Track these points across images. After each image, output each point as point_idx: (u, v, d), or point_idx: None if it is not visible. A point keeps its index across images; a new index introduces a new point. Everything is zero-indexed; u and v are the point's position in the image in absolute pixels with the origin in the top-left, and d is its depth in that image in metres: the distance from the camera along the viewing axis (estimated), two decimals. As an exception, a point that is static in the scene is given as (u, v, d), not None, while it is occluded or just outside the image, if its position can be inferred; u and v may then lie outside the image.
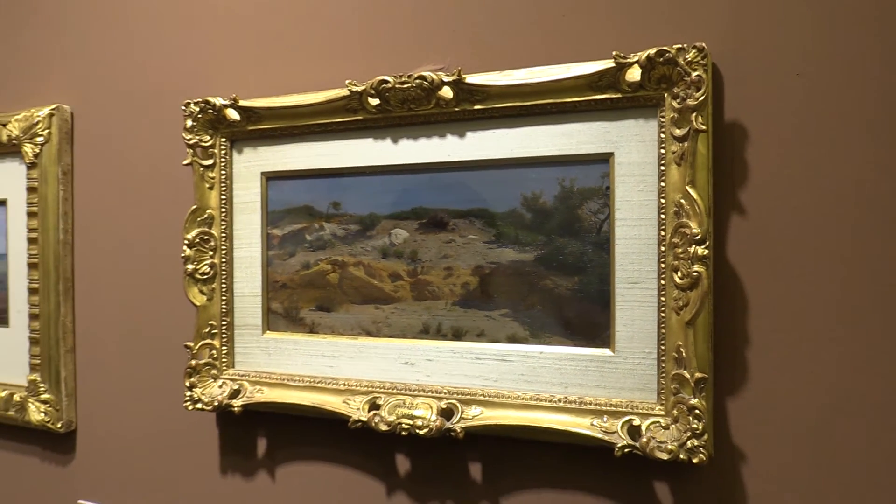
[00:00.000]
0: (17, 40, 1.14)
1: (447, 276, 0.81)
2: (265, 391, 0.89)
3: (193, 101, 0.91)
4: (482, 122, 0.78)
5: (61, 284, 1.08)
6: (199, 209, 0.91)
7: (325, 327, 0.88)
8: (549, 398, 0.75)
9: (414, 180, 0.82)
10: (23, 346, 1.12)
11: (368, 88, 0.80)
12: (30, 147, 1.09)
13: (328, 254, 0.87)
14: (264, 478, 0.93)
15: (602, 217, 0.74)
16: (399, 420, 0.80)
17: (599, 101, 0.72)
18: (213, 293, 0.92)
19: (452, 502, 0.83)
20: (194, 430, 0.98)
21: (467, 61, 0.80)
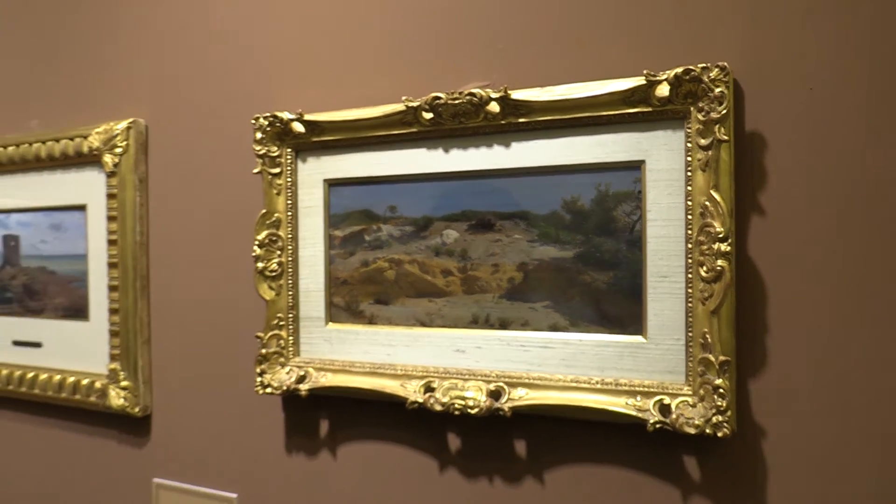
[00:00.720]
0: (97, 60, 1.27)
1: (494, 272, 0.91)
2: (329, 376, 1.00)
3: (262, 116, 1.02)
4: (526, 133, 0.88)
5: (138, 282, 1.20)
6: (268, 213, 1.03)
7: (383, 319, 0.98)
8: (587, 381, 0.85)
9: (463, 186, 0.92)
10: (103, 338, 1.24)
11: (423, 104, 0.91)
12: (109, 157, 1.21)
13: (385, 253, 0.98)
14: (327, 456, 1.04)
15: (635, 218, 0.83)
16: (452, 401, 0.90)
17: (632, 115, 0.82)
18: (281, 289, 1.03)
19: (500, 477, 0.92)
20: (262, 413, 1.09)
21: (512, 78, 0.90)
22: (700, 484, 0.82)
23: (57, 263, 1.33)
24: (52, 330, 1.33)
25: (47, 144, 1.30)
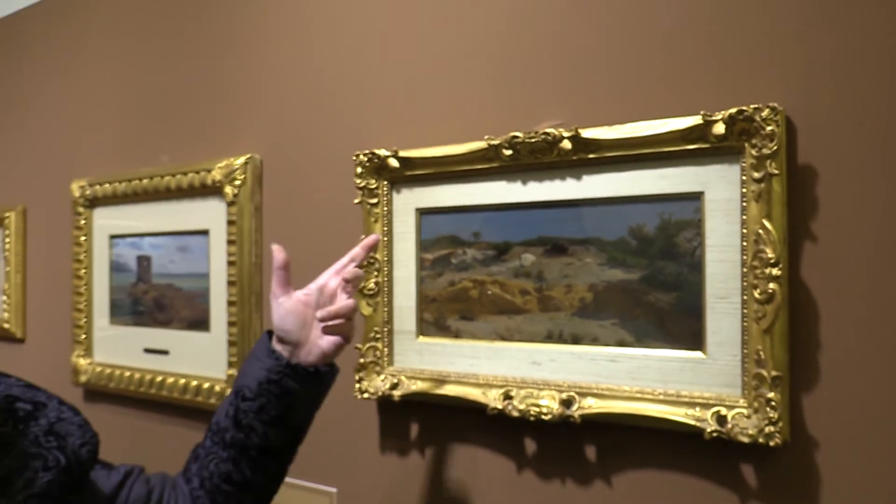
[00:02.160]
0: (219, 104, 1.48)
1: (567, 292, 1.03)
2: (419, 384, 1.14)
3: (362, 153, 1.18)
4: (595, 167, 1.00)
5: (253, 298, 1.39)
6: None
7: (467, 333, 1.11)
8: (651, 392, 0.95)
9: (539, 214, 1.05)
10: (222, 347, 1.44)
11: (503, 142, 1.04)
12: (230, 188, 1.41)
13: (470, 274, 1.11)
14: (416, 456, 1.18)
15: (695, 244, 0.93)
16: (528, 408, 1.02)
17: (691, 151, 0.92)
18: (378, 305, 1.18)
19: (571, 479, 1.03)
20: (360, 416, 1.24)
21: (583, 117, 1.02)
22: (756, 491, 0.90)
23: (183, 281, 1.54)
24: (178, 339, 1.54)
25: (176, 177, 1.51)
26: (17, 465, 0.64)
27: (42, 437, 0.67)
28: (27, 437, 0.66)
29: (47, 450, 0.67)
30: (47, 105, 1.95)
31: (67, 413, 0.71)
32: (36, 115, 1.99)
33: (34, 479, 0.64)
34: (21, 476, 0.64)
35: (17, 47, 2.07)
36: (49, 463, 0.66)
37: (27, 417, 0.68)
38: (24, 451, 0.65)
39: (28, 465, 0.65)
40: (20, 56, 2.05)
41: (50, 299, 1.92)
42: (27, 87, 2.02)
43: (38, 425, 0.68)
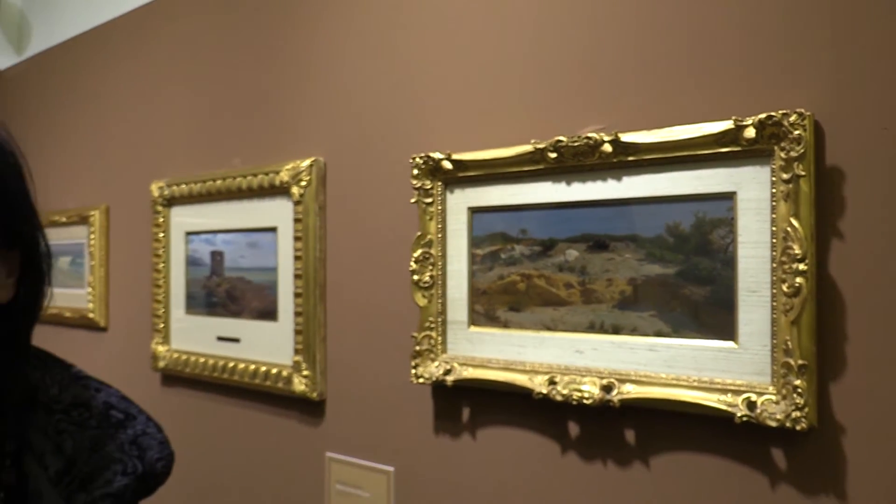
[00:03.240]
0: (286, 110, 1.61)
1: (608, 286, 1.11)
2: (470, 370, 1.24)
3: (418, 156, 1.29)
4: (634, 168, 1.08)
5: (317, 290, 1.51)
6: (422, 235, 1.29)
7: (515, 323, 1.21)
8: (686, 379, 1.03)
9: (582, 213, 1.13)
10: (289, 336, 1.56)
11: (548, 146, 1.13)
12: (296, 189, 1.53)
13: (518, 268, 1.20)
14: (467, 438, 1.28)
15: (728, 241, 1.00)
16: (571, 393, 1.10)
17: (724, 153, 0.99)
18: (432, 297, 1.29)
19: (612, 460, 1.12)
20: (415, 400, 1.35)
21: (623, 122, 1.10)
22: (785, 473, 0.97)
23: (253, 274, 1.67)
24: (249, 328, 1.67)
25: (247, 178, 1.65)
26: (102, 465, 0.70)
27: (127, 445, 0.73)
28: (115, 441, 0.72)
29: (129, 457, 0.72)
30: (129, 112, 2.12)
31: (152, 429, 0.77)
32: (119, 121, 2.17)
33: (112, 481, 0.70)
34: (102, 476, 0.69)
35: (102, 59, 2.25)
36: (128, 469, 0.71)
37: (118, 425, 0.73)
38: (110, 454, 0.71)
39: (110, 466, 0.70)
40: (105, 67, 2.24)
41: (131, 291, 2.09)
42: (111, 95, 2.21)
43: (126, 434, 0.73)
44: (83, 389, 0.73)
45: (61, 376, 0.73)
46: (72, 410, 0.71)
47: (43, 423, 0.69)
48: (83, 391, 0.73)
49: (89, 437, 0.70)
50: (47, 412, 0.69)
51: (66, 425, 0.69)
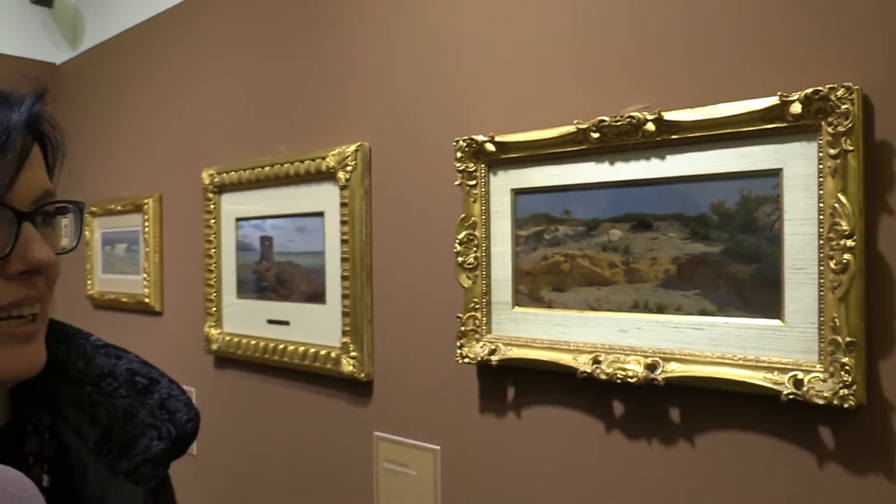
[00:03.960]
0: (331, 96, 1.64)
1: (652, 265, 1.12)
2: (514, 350, 1.26)
3: (462, 139, 1.31)
4: (678, 147, 1.08)
5: (364, 273, 1.55)
6: (466, 217, 1.31)
7: (559, 303, 1.22)
8: (731, 357, 1.03)
9: (626, 192, 1.14)
10: (337, 318, 1.61)
11: (591, 126, 1.14)
12: (342, 174, 1.57)
13: (561, 249, 1.22)
14: (512, 417, 1.30)
15: (774, 218, 1.00)
16: (615, 371, 1.12)
17: (770, 130, 0.99)
18: (476, 278, 1.31)
19: (657, 438, 1.13)
20: (460, 380, 1.38)
21: (667, 100, 1.10)
22: (833, 451, 0.97)
23: (301, 258, 1.72)
24: (298, 311, 1.73)
25: (294, 165, 1.69)
26: (138, 431, 0.72)
27: (156, 410, 0.74)
28: (145, 407, 0.74)
29: (161, 421, 0.74)
30: (180, 102, 2.19)
31: (176, 391, 0.78)
32: (170, 111, 2.24)
33: (150, 446, 0.72)
34: (139, 442, 0.71)
35: (153, 51, 2.33)
36: (163, 433, 0.73)
37: (144, 391, 0.75)
38: (143, 420, 0.73)
39: (146, 432, 0.72)
40: (155, 59, 2.31)
41: (184, 276, 2.17)
42: (162, 86, 2.28)
43: (153, 399, 0.75)
44: (106, 358, 0.75)
45: (84, 348, 0.74)
46: (100, 381, 0.72)
47: (76, 397, 0.70)
48: (106, 360, 0.75)
49: (121, 405, 0.72)
50: (78, 386, 0.71)
51: (98, 396, 0.71)
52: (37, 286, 0.62)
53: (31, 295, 0.62)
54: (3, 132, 0.57)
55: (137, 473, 0.70)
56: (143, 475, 0.71)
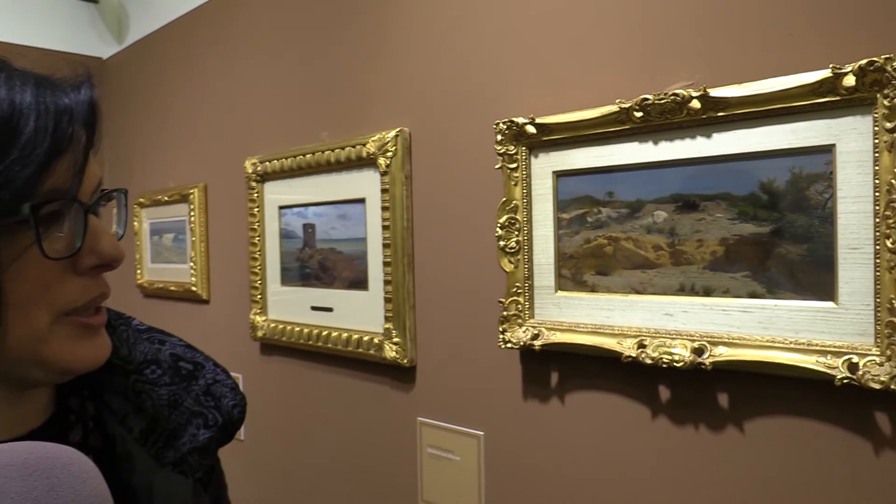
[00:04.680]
0: (371, 83, 1.65)
1: (699, 247, 1.10)
2: (557, 335, 1.25)
3: (502, 121, 1.30)
4: (724, 125, 1.05)
5: (405, 259, 1.55)
6: (508, 200, 1.30)
7: (603, 287, 1.21)
8: (782, 341, 1.01)
9: (671, 172, 1.12)
10: (379, 304, 1.62)
11: (634, 105, 1.12)
12: (382, 160, 1.58)
13: (604, 231, 1.20)
14: (556, 402, 1.30)
15: (826, 196, 0.97)
16: (661, 356, 1.10)
17: (821, 104, 0.95)
18: (519, 262, 1.30)
19: (704, 424, 1.11)
20: (503, 365, 1.38)
21: (713, 76, 1.07)
22: (890, 438, 0.94)
23: (343, 245, 1.74)
24: (341, 297, 1.74)
25: (335, 152, 1.71)
26: (184, 420, 0.70)
27: (202, 397, 0.73)
28: (190, 395, 0.72)
29: (207, 409, 0.72)
30: (223, 94, 2.22)
31: (221, 375, 0.77)
32: (214, 103, 2.27)
33: (196, 435, 0.70)
34: (186, 431, 0.70)
35: (194, 43, 2.36)
36: (209, 421, 0.72)
37: (189, 377, 0.73)
38: (189, 408, 0.71)
39: (192, 421, 0.71)
40: (197, 50, 2.35)
41: (229, 265, 2.21)
42: (205, 78, 2.32)
43: (198, 385, 0.73)
44: (149, 344, 0.73)
45: (126, 335, 0.72)
46: (144, 369, 0.71)
47: (120, 386, 0.69)
48: (149, 346, 0.73)
49: (165, 393, 0.70)
50: (122, 374, 0.69)
51: (143, 385, 0.70)
52: (104, 280, 0.62)
53: (105, 293, 0.62)
54: (68, 123, 0.56)
55: (185, 464, 0.69)
56: (190, 465, 0.69)
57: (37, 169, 0.53)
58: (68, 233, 0.57)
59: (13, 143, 0.53)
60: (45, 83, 0.57)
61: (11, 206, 0.53)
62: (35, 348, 0.57)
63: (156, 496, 0.65)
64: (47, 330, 0.57)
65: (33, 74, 0.58)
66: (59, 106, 0.56)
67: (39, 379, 0.62)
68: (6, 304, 0.54)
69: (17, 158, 0.52)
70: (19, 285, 0.55)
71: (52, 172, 0.55)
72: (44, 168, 0.54)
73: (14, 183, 0.52)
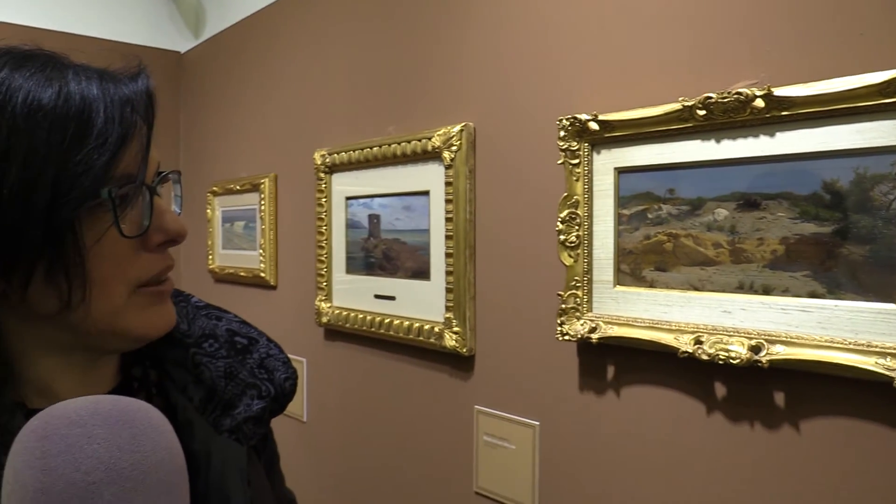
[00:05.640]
0: (437, 79, 1.70)
1: (759, 245, 1.11)
2: (615, 329, 1.28)
3: (565, 118, 1.33)
4: (788, 124, 1.06)
5: (467, 250, 1.60)
6: (569, 195, 1.34)
7: (661, 283, 1.23)
8: (841, 341, 1.01)
9: (732, 171, 1.13)
10: (440, 294, 1.67)
11: (697, 103, 1.13)
12: (447, 154, 1.62)
13: (664, 228, 1.22)
14: (612, 395, 1.32)
15: (891, 197, 0.97)
16: (717, 352, 1.12)
17: (888, 104, 0.95)
18: (578, 256, 1.33)
19: (759, 422, 1.12)
20: (560, 357, 1.41)
21: (777, 76, 1.08)
22: (951, 440, 0.94)
23: (407, 236, 1.79)
24: (403, 287, 1.80)
25: (401, 145, 1.76)
26: (239, 391, 0.75)
27: (256, 370, 0.77)
28: (245, 367, 0.77)
29: (260, 381, 0.77)
30: (294, 88, 2.31)
31: (274, 350, 0.81)
32: (284, 95, 2.37)
33: (251, 405, 0.75)
34: (241, 401, 0.74)
35: (268, 37, 2.46)
36: (262, 392, 0.76)
37: (243, 350, 0.78)
38: (244, 380, 0.76)
39: (246, 392, 0.75)
40: (270, 45, 2.44)
41: (297, 253, 2.30)
42: (277, 71, 2.41)
43: (253, 358, 0.78)
44: (207, 320, 0.78)
45: (186, 311, 0.77)
46: (203, 342, 0.76)
47: (180, 358, 0.74)
48: (207, 321, 0.78)
49: (222, 365, 0.75)
50: (182, 347, 0.74)
51: (201, 357, 0.74)
52: (169, 254, 0.70)
53: (170, 265, 0.70)
54: (131, 112, 0.61)
55: (240, 432, 0.73)
56: (245, 433, 0.74)
57: (110, 156, 0.60)
58: (137, 213, 0.64)
59: (89, 134, 0.59)
60: (107, 76, 0.64)
61: (92, 191, 0.59)
62: (113, 320, 0.64)
63: (214, 461, 0.71)
64: (123, 303, 0.65)
65: (95, 69, 0.65)
66: (122, 96, 0.62)
67: (116, 347, 0.70)
68: (90, 281, 0.61)
69: (94, 147, 0.59)
70: (101, 263, 0.62)
71: (122, 158, 0.61)
72: (115, 155, 0.60)
73: (93, 170, 0.59)
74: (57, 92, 0.59)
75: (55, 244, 0.58)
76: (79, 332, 0.64)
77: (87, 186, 0.58)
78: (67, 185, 0.57)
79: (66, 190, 0.57)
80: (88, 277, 0.60)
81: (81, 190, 0.58)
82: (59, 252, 0.58)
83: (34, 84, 0.59)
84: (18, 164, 0.56)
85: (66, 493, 0.45)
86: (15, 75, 0.59)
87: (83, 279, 0.60)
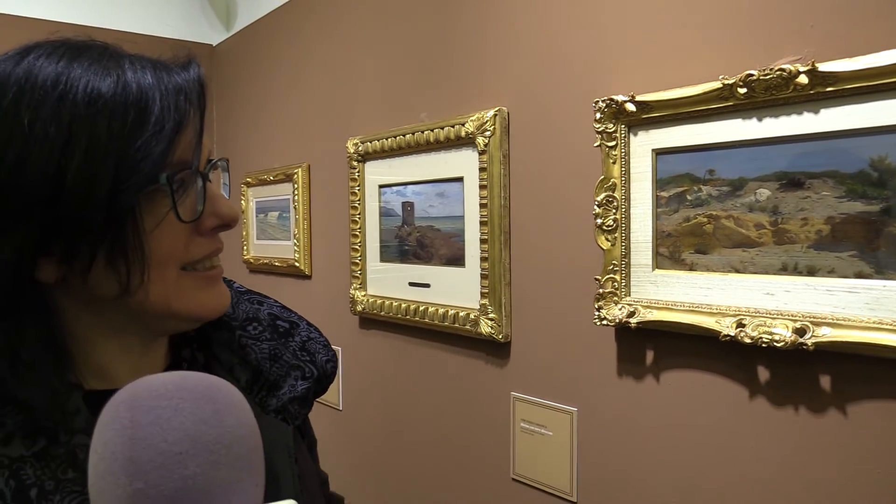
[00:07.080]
0: (470, 64, 1.69)
1: (803, 225, 1.09)
2: (654, 313, 1.27)
3: (601, 99, 1.32)
4: (833, 100, 1.04)
5: (502, 236, 1.60)
6: (605, 178, 1.33)
7: (701, 266, 1.22)
8: (890, 322, 0.99)
9: (775, 150, 1.11)
10: (475, 280, 1.67)
11: (738, 81, 1.11)
12: (481, 139, 1.62)
13: (704, 210, 1.21)
14: (651, 380, 1.32)
15: (943, 173, 0.95)
16: (760, 335, 1.10)
17: (939, 77, 0.93)
18: (616, 240, 1.32)
19: (805, 405, 1.11)
20: (598, 342, 1.40)
21: (822, 51, 1.06)
22: None
23: (441, 223, 1.80)
24: (438, 274, 1.81)
25: (434, 131, 1.76)
26: (283, 373, 0.78)
27: (298, 352, 0.80)
28: (288, 350, 0.80)
29: (303, 363, 0.80)
30: (325, 77, 2.32)
31: (315, 333, 0.84)
32: (316, 85, 2.38)
33: (295, 386, 0.78)
34: (286, 382, 0.78)
35: (299, 28, 2.47)
36: (306, 374, 0.80)
37: (285, 334, 0.81)
38: (288, 362, 0.79)
39: (290, 373, 0.78)
40: (302, 35, 2.46)
41: (331, 242, 2.32)
42: (308, 62, 2.42)
43: (294, 342, 0.81)
44: (249, 304, 0.81)
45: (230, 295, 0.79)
46: (247, 326, 0.79)
47: (226, 340, 0.77)
48: (250, 306, 0.81)
49: (267, 348, 0.78)
50: (228, 330, 0.77)
51: (246, 340, 0.78)
52: (219, 237, 0.73)
53: (219, 247, 0.73)
54: (184, 100, 0.64)
55: (286, 411, 0.77)
56: (290, 413, 0.77)
57: (167, 143, 0.62)
58: (192, 198, 0.66)
59: (147, 122, 0.61)
60: (160, 66, 0.66)
61: (151, 177, 0.61)
62: (168, 302, 0.67)
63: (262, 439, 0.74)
64: (177, 285, 0.67)
65: (148, 58, 0.66)
66: (176, 85, 0.64)
67: (172, 328, 0.72)
68: (149, 264, 0.63)
69: (152, 135, 0.61)
70: (158, 247, 0.64)
71: (178, 145, 0.63)
72: (171, 142, 0.62)
73: (152, 156, 0.60)
74: (115, 81, 0.61)
75: (116, 229, 0.60)
76: (137, 314, 0.66)
77: (146, 172, 0.60)
78: (128, 171, 0.59)
79: (126, 176, 0.59)
80: (147, 261, 0.63)
81: (141, 176, 0.60)
82: (119, 237, 0.60)
83: (93, 74, 0.60)
84: (81, 152, 0.58)
85: (153, 463, 0.47)
86: (73, 65, 0.61)
87: (142, 263, 0.62)
